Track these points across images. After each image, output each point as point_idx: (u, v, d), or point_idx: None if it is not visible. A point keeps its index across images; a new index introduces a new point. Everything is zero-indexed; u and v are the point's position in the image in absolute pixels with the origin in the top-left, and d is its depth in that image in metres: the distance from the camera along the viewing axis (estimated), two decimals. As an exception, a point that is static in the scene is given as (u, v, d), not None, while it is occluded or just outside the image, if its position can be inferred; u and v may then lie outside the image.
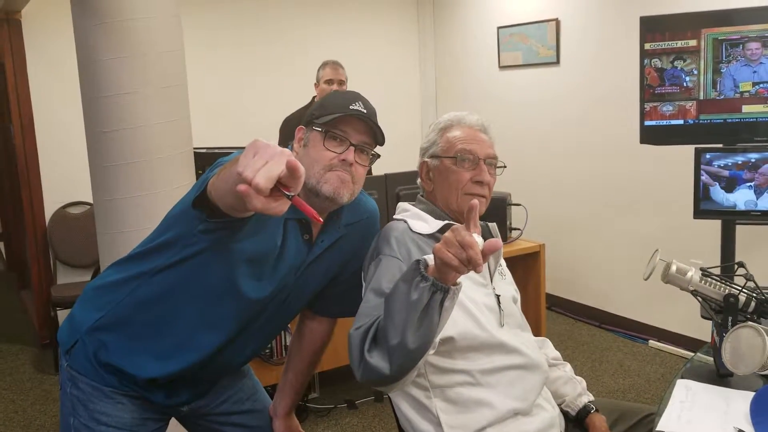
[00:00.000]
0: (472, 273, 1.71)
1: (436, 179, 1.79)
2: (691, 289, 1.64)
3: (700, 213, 3.08)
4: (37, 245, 4.67)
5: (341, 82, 4.07)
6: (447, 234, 1.27)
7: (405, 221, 1.74)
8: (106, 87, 2.78)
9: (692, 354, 3.86)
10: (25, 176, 4.61)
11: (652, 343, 4.27)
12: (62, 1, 2.87)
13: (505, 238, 3.56)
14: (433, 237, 1.71)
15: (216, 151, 3.35)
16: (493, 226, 1.86)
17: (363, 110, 1.58)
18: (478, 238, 1.24)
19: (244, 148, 1.07)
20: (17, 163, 4.69)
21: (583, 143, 4.71)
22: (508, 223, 3.68)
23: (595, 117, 4.60)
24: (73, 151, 4.09)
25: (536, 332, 3.41)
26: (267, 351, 3.21)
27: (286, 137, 4.13)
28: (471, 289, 1.67)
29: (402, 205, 1.83)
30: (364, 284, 1.66)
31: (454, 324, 1.55)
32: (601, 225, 4.65)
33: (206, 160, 3.36)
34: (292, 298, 1.70)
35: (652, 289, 4.33)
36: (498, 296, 1.72)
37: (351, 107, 1.58)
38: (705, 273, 1.65)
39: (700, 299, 1.64)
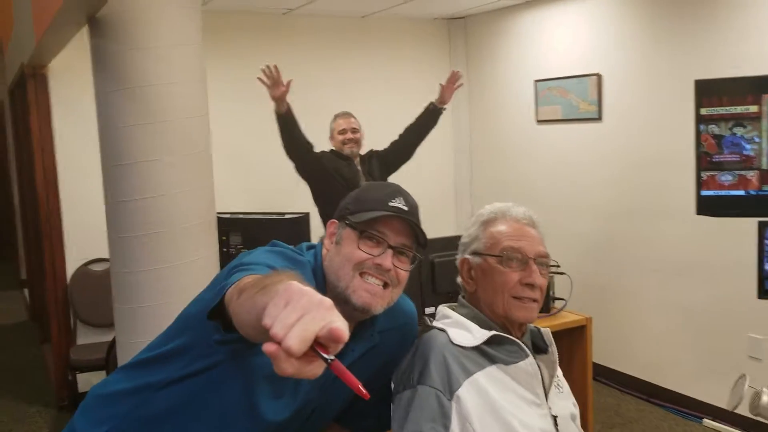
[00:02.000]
0: (524, 391, 1.50)
1: (480, 279, 1.59)
2: (788, 425, 1.38)
3: (765, 294, 2.81)
4: (57, 303, 4.52)
5: (354, 130, 4.06)
6: None
7: (445, 332, 1.54)
8: (126, 154, 2.65)
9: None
10: (47, 230, 4.50)
11: (707, 422, 3.95)
12: (89, 57, 2.73)
13: (548, 310, 3.32)
14: (478, 350, 1.50)
15: (240, 216, 3.20)
16: (546, 331, 1.64)
17: (404, 207, 1.41)
18: None
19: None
20: (40, 216, 4.59)
21: (629, 205, 4.44)
22: (551, 292, 3.44)
23: (641, 178, 4.33)
24: (97, 207, 3.93)
25: (583, 410, 3.09)
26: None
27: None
28: (523, 411, 1.45)
29: (442, 310, 1.63)
30: (393, 407, 1.46)
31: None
32: (650, 292, 4.35)
33: (230, 226, 3.21)
34: (317, 414, 1.50)
35: (705, 362, 4.03)
36: (555, 417, 1.50)
37: (390, 203, 1.40)
38: (804, 407, 1.39)
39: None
